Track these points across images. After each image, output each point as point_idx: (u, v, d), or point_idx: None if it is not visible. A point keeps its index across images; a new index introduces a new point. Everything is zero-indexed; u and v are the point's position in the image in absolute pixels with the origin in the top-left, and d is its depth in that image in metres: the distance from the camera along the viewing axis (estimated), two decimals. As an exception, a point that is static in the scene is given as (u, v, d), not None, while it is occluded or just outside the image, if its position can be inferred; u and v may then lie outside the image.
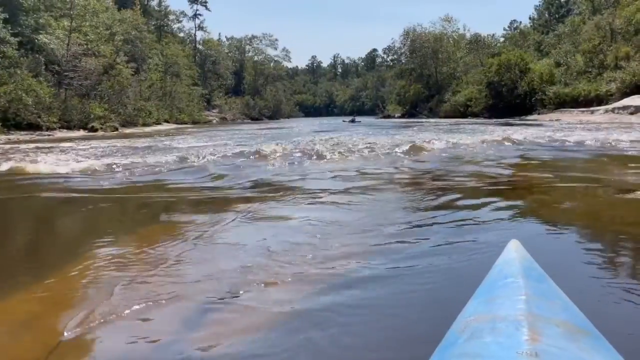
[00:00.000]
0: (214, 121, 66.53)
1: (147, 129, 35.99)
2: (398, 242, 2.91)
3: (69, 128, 30.35)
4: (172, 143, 15.18)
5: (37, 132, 25.89)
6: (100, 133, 28.93)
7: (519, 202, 4.08)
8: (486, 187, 4.95)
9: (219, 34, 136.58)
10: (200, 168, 7.03)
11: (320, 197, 4.34)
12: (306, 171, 6.89)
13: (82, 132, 29.22)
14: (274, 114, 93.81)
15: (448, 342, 1.04)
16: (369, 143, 11.72)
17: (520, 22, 72.73)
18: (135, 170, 6.96)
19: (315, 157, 8.99)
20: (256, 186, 5.35)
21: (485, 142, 11.00)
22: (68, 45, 33.72)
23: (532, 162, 7.36)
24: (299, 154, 9.29)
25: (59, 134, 28.02)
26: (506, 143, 10.65)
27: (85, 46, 35.18)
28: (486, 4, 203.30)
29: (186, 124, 51.65)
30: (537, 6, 66.49)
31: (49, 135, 25.37)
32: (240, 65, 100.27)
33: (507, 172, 5.99)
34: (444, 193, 4.44)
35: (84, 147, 14.50)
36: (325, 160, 8.70)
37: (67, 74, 33.20)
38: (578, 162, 7.52)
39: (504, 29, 76.45)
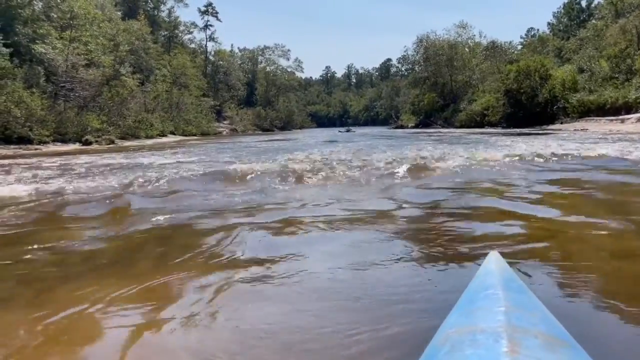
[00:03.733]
0: (224, 133, 65.29)
1: (149, 142, 34.48)
2: None
3: (63, 141, 29.00)
4: (148, 159, 13.41)
5: (27, 146, 24.54)
6: (94, 146, 27.45)
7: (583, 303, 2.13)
8: (519, 250, 3.01)
9: (232, 45, 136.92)
10: (123, 201, 5.20)
11: (237, 282, 2.44)
12: (267, 205, 5.00)
13: (75, 146, 27.80)
14: (286, 125, 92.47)
15: (429, 355, 1.03)
16: (368, 160, 9.82)
17: (538, 29, 70.56)
18: (35, 204, 5.15)
19: (294, 179, 7.13)
20: (158, 240, 3.48)
21: (509, 158, 9.01)
22: (67, 55, 32.49)
23: (578, 193, 5.36)
24: (275, 175, 7.42)
25: (52, 147, 26.64)
26: (535, 160, 8.64)
27: (84, 56, 33.96)
28: (501, 13, 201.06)
29: (194, 135, 50.31)
30: (555, 13, 64.25)
31: (36, 149, 23.91)
32: (253, 76, 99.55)
33: (545, 213, 4.01)
34: (456, 269, 2.53)
35: (50, 164, 12.85)
36: (304, 183, 6.83)
37: (64, 85, 31.93)
38: None
39: (521, 37, 74.29)
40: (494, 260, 1.37)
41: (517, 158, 9.04)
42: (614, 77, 32.55)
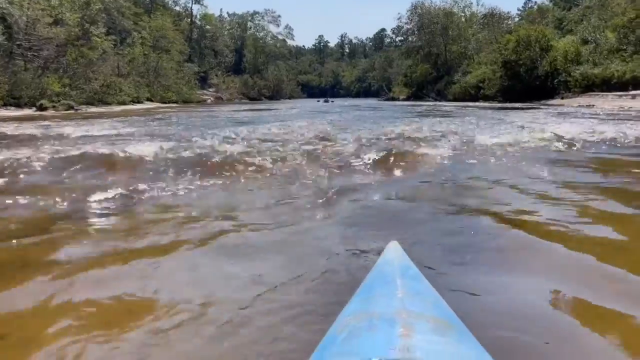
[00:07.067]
0: (209, 101, 62.18)
1: (117, 109, 31.58)
2: None
3: (18, 106, 26.17)
4: (74, 130, 10.85)
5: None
6: (50, 112, 24.67)
7: None
8: None
9: (221, 9, 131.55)
10: None
11: None
12: (71, 251, 2.64)
13: (30, 111, 24.98)
14: (275, 95, 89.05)
15: (327, 342, 1.05)
16: (334, 139, 7.45)
17: (536, 1, 67.30)
18: None
19: (204, 172, 4.76)
20: None
21: (518, 143, 6.66)
22: (26, 9, 29.28)
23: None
24: (185, 164, 5.04)
25: (2, 112, 23.89)
26: (555, 145, 6.30)
27: (47, 12, 30.72)
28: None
29: (174, 103, 47.28)
30: (556, -17, 60.92)
31: (-27, 114, 21.16)
32: (242, 42, 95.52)
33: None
34: None
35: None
36: (215, 180, 4.45)
37: (21, 43, 28.85)
38: None
39: (518, 9, 71.01)
40: (392, 250, 1.38)
41: (529, 143, 6.70)
42: (621, 49, 29.95)
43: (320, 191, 3.87)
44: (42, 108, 25.12)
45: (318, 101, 53.88)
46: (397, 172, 4.66)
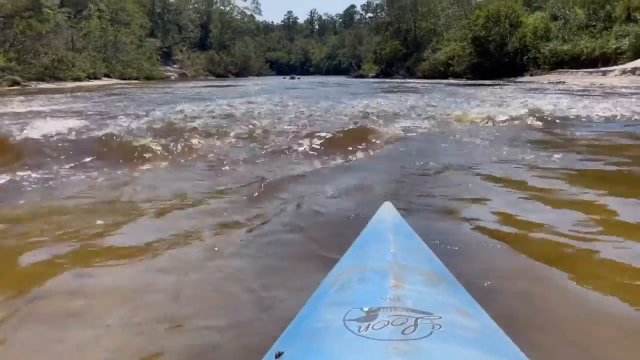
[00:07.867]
0: (173, 77, 59.87)
1: (70, 85, 29.66)
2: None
3: (-42, 82, 24.19)
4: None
5: None
6: (-8, 89, 22.85)
7: None
8: None
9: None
10: None
11: None
12: None
13: (-30, 88, 23.13)
14: (242, 71, 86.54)
15: (320, 293, 1.05)
16: (286, 115, 6.53)
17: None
18: None
19: (112, 154, 3.79)
20: None
21: (491, 119, 5.87)
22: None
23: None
24: (89, 145, 4.05)
25: (-62, 89, 21.96)
26: (536, 124, 5.51)
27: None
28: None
29: (136, 79, 45.10)
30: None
31: None
32: (207, 17, 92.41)
33: None
34: None
35: None
36: (116, 166, 3.49)
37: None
38: None
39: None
40: (386, 210, 1.39)
41: (505, 119, 5.91)
42: (590, 25, 29.58)
43: (251, 183, 2.96)
44: (-17, 84, 23.26)
45: (284, 78, 53.20)
46: (351, 156, 3.77)
